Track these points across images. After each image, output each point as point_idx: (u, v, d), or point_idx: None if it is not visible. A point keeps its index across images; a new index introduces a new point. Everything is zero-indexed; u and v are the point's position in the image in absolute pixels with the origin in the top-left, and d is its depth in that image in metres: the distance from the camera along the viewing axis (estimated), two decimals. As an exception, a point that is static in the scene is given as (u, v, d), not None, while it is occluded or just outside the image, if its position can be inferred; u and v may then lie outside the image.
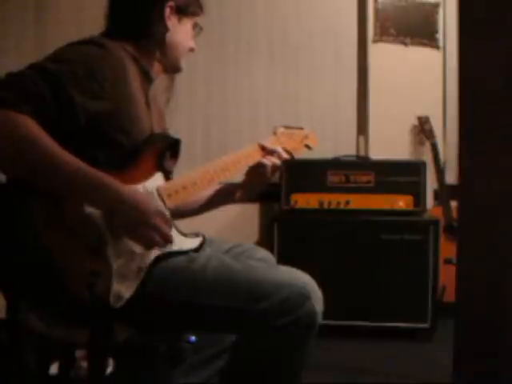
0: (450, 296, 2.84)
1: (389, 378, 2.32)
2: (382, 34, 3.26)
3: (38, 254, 1.18)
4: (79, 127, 1.23)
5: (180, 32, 1.48)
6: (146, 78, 1.45)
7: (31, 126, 1.14)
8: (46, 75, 1.18)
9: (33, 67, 1.20)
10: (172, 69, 1.53)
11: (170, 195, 1.34)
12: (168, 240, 1.25)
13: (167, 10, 1.43)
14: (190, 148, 2.96)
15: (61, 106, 1.19)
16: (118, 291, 1.21)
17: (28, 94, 1.15)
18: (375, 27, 3.25)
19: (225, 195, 1.63)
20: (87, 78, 1.22)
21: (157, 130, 1.48)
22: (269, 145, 1.57)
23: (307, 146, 1.77)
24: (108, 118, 1.27)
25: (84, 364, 1.75)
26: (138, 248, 1.24)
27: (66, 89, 1.19)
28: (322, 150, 1.87)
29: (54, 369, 1.49)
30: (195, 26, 1.52)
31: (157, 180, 1.34)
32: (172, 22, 1.45)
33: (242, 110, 3.14)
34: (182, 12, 1.46)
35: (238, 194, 1.62)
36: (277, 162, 1.57)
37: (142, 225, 1.22)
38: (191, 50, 1.54)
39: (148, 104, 1.45)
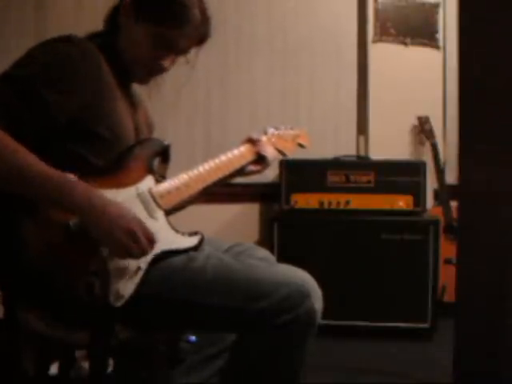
0: (450, 296, 2.84)
1: (389, 378, 2.32)
2: (382, 34, 3.26)
3: (36, 256, 1.18)
4: (60, 126, 1.22)
5: (132, 35, 1.35)
6: (124, 75, 1.40)
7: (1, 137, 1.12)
8: (12, 82, 1.17)
9: (2, 78, 1.19)
10: (129, 73, 1.41)
11: (162, 196, 1.35)
12: (144, 251, 1.21)
13: (122, 7, 1.35)
14: (190, 148, 2.96)
15: (35, 109, 1.18)
16: (117, 290, 1.21)
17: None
18: (375, 27, 3.25)
19: None
20: (59, 76, 1.21)
21: (143, 128, 1.48)
22: (264, 146, 1.60)
23: (300, 145, 1.78)
24: (86, 112, 1.26)
25: (84, 364, 1.75)
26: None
27: (37, 91, 1.18)
28: (322, 150, 1.87)
29: (54, 369, 1.49)
30: (155, 38, 1.34)
31: (148, 182, 1.35)
32: (128, 21, 1.35)
33: (242, 110, 3.14)
34: (136, 14, 1.33)
35: None
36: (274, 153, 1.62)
37: (116, 231, 1.17)
38: (154, 63, 1.37)
39: (131, 100, 1.44)
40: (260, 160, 1.61)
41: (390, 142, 3.21)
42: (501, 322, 0.94)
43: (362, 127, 3.27)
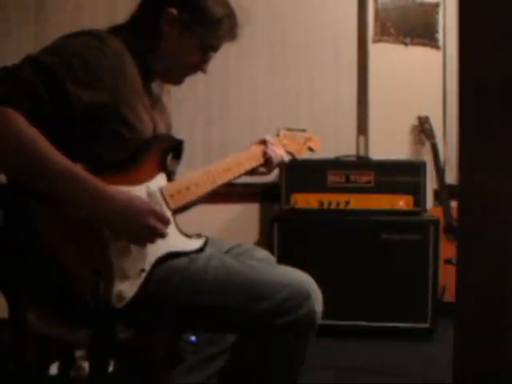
0: (450, 296, 2.84)
1: (389, 378, 2.32)
2: (382, 34, 3.26)
3: (40, 254, 1.18)
4: (75, 118, 1.22)
5: (177, 44, 1.41)
6: (147, 74, 1.42)
7: (22, 123, 1.12)
8: (39, 68, 1.18)
9: (27, 60, 1.20)
10: (164, 77, 1.48)
11: (172, 196, 1.34)
12: (162, 236, 1.25)
13: (165, 16, 1.38)
14: (190, 148, 2.94)
15: (55, 98, 1.18)
16: (120, 291, 1.21)
17: (20, 88, 1.15)
18: (375, 27, 3.25)
19: None
20: (82, 69, 1.22)
21: (161, 128, 1.48)
22: (273, 148, 1.59)
23: (310, 149, 1.78)
24: (107, 109, 1.26)
25: (84, 364, 1.75)
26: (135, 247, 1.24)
27: (59, 81, 1.18)
28: (322, 150, 1.87)
29: (54, 369, 1.49)
30: (204, 46, 1.43)
31: (160, 180, 1.34)
32: (172, 30, 1.39)
33: (243, 109, 3.14)
34: (184, 25, 1.39)
35: None
36: (284, 155, 1.62)
37: (135, 225, 1.21)
38: (197, 68, 1.47)
39: (152, 99, 1.45)
40: (267, 162, 1.60)
41: (390, 142, 3.21)
42: (501, 322, 0.94)
43: (362, 127, 3.27)
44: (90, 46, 1.26)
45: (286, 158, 1.65)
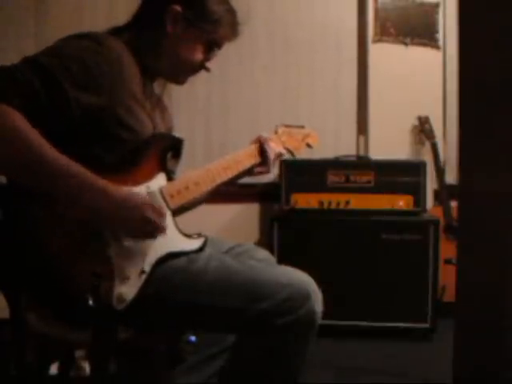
0: (450, 296, 2.84)
1: (389, 378, 2.32)
2: (382, 34, 3.26)
3: (40, 255, 1.18)
4: (73, 120, 1.22)
5: (181, 41, 1.41)
6: (150, 74, 1.43)
7: (18, 120, 1.12)
8: (37, 68, 1.18)
9: (25, 61, 1.20)
10: (167, 76, 1.49)
11: (172, 195, 1.34)
12: (161, 231, 1.26)
13: (169, 13, 1.38)
14: (191, 148, 2.96)
15: (53, 97, 1.18)
16: (120, 294, 1.21)
17: (17, 86, 1.15)
18: (375, 27, 3.25)
19: None
20: (80, 71, 1.22)
21: (161, 128, 1.48)
22: (268, 143, 1.58)
23: (308, 145, 1.78)
24: (105, 111, 1.26)
25: (84, 364, 1.75)
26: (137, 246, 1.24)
27: (57, 81, 1.18)
28: (323, 149, 1.87)
29: (54, 369, 1.49)
30: (207, 43, 1.44)
31: (160, 180, 1.34)
32: (176, 27, 1.39)
33: (243, 109, 3.14)
34: (188, 22, 1.40)
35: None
36: (281, 150, 1.62)
37: (134, 220, 1.22)
38: (200, 66, 1.47)
39: (151, 100, 1.45)
40: (264, 158, 1.60)
41: (389, 142, 3.21)
42: (501, 322, 0.94)
43: (362, 127, 3.27)
44: (89, 49, 1.25)
45: (284, 151, 1.65)
